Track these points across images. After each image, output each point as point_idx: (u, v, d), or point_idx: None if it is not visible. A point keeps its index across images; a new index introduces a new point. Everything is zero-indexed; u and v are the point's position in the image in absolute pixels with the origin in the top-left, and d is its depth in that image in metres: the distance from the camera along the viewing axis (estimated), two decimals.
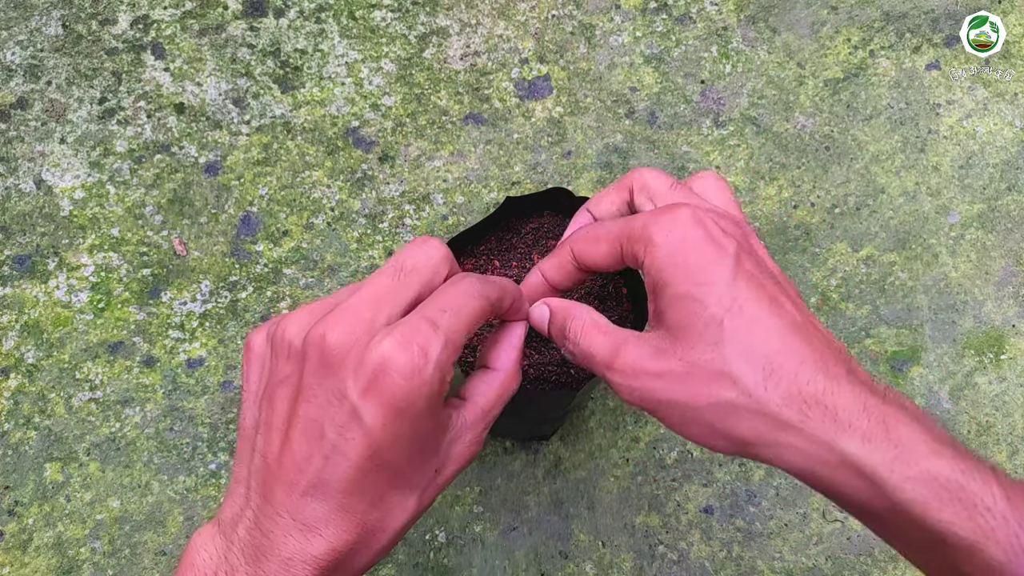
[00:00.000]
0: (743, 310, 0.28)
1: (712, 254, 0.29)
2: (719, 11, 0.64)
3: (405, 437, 0.28)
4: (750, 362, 0.27)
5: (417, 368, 0.27)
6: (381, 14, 0.62)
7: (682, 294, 0.29)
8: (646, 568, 0.51)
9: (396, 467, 0.29)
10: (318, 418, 0.28)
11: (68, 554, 0.49)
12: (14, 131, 0.58)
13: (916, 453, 0.25)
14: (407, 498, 0.30)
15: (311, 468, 0.28)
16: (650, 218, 0.30)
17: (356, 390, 0.27)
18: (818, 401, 0.26)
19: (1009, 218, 0.60)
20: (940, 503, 0.24)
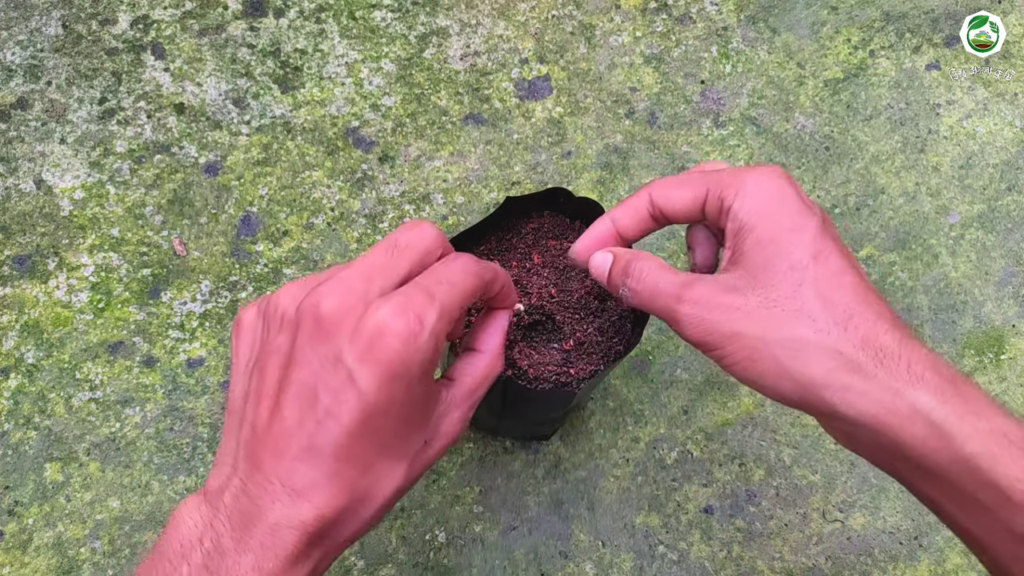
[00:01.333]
0: (828, 260, 0.29)
1: (802, 210, 0.31)
2: (719, 11, 0.64)
3: (398, 403, 0.28)
4: (830, 306, 0.29)
5: (413, 334, 0.28)
6: (381, 14, 0.62)
7: (770, 238, 0.30)
8: (646, 568, 0.51)
9: (387, 434, 0.29)
10: (311, 383, 0.28)
11: (68, 554, 0.49)
12: (14, 131, 0.58)
13: (987, 411, 0.26)
14: (396, 467, 0.30)
15: (303, 433, 0.28)
16: (742, 170, 0.32)
17: (352, 354, 0.27)
18: (893, 352, 0.27)
19: (1009, 218, 0.60)
20: (1010, 458, 0.25)
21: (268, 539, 0.28)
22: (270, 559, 0.28)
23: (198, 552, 0.28)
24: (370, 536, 0.51)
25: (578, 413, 0.54)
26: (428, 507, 0.52)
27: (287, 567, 0.28)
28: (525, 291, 0.42)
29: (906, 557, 0.52)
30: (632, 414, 0.55)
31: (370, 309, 0.28)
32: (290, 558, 0.28)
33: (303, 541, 0.28)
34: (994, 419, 0.25)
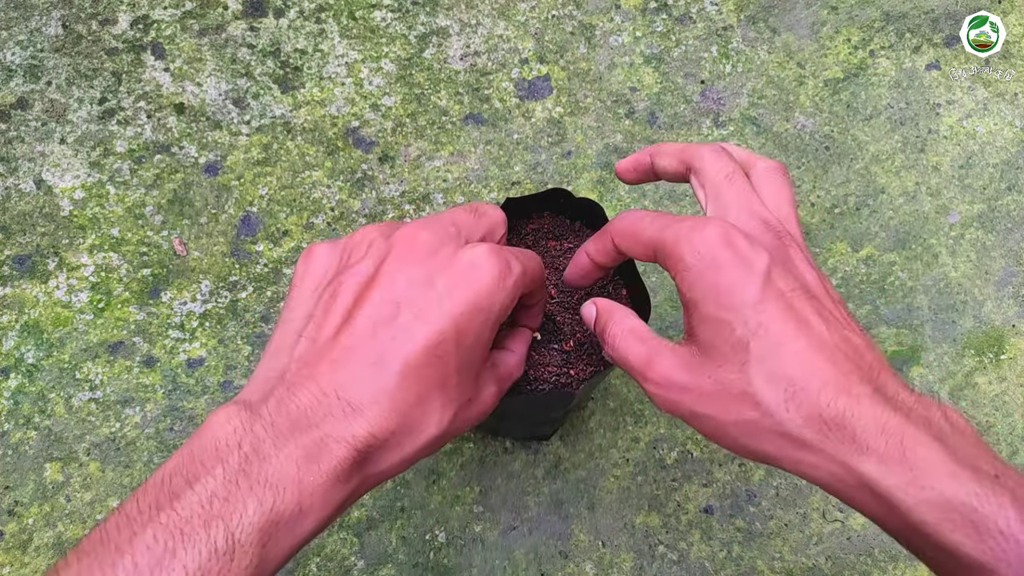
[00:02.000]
0: (768, 332, 0.28)
1: (740, 276, 0.29)
2: (719, 11, 0.64)
3: (472, 337, 0.29)
4: (773, 384, 0.28)
5: (503, 275, 0.30)
6: (381, 14, 0.62)
7: (711, 315, 0.29)
8: (646, 568, 0.51)
9: (450, 368, 0.29)
10: (394, 300, 0.29)
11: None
12: (14, 131, 0.58)
13: (931, 475, 0.25)
14: (446, 408, 0.30)
15: (372, 346, 0.28)
16: (682, 235, 0.31)
17: (444, 279, 0.29)
18: (838, 423, 0.26)
19: (1009, 218, 0.60)
20: (952, 525, 0.24)
21: (314, 450, 0.27)
22: (313, 472, 0.27)
23: (235, 455, 0.26)
24: (370, 536, 0.51)
25: (578, 413, 0.54)
26: (428, 507, 0.52)
27: (328, 484, 0.27)
28: None
29: (906, 557, 0.52)
30: (632, 414, 0.55)
31: (466, 247, 0.30)
32: (332, 474, 0.27)
33: (349, 459, 0.27)
34: (937, 485, 0.25)
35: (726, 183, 0.33)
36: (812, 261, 0.32)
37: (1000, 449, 0.54)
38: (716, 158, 0.34)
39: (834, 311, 0.30)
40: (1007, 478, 0.25)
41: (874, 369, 0.28)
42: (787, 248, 0.31)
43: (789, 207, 0.34)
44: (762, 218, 0.32)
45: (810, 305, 0.29)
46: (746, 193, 0.33)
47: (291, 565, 0.50)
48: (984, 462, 0.25)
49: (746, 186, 0.33)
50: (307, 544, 0.28)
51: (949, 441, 0.26)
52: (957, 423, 0.27)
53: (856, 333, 0.29)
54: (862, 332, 0.30)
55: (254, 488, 0.25)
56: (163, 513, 0.25)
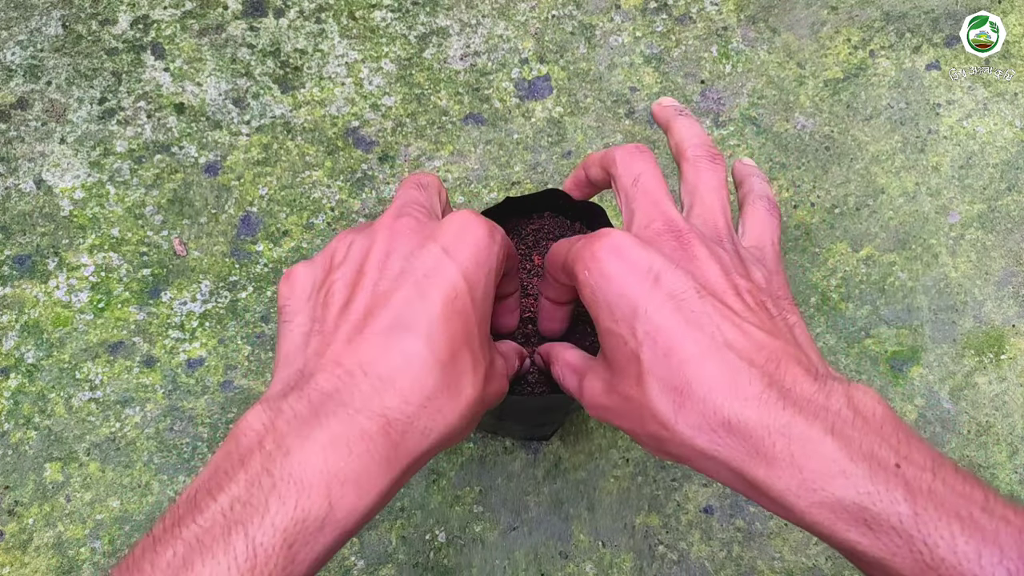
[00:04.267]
0: (656, 342, 0.27)
1: (627, 286, 0.28)
2: (719, 11, 0.64)
3: (482, 288, 0.29)
4: (664, 395, 0.27)
5: (492, 229, 0.30)
6: (381, 14, 0.62)
7: (607, 329, 0.29)
8: (646, 568, 0.51)
9: (472, 321, 0.28)
10: (394, 273, 0.28)
11: (68, 554, 0.49)
12: (14, 131, 0.58)
13: (821, 477, 0.24)
14: (477, 366, 0.28)
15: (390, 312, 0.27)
16: (576, 253, 0.31)
17: (442, 242, 0.29)
18: (726, 428, 0.26)
19: (1009, 218, 0.60)
20: (846, 525, 0.24)
21: (342, 434, 0.24)
22: (343, 458, 0.24)
23: (258, 456, 0.24)
24: (370, 536, 0.51)
25: (578, 413, 0.54)
26: (428, 507, 0.52)
27: (364, 470, 0.24)
28: (525, 292, 0.42)
29: None
30: None
31: (449, 214, 0.30)
32: (367, 457, 0.24)
33: (384, 435, 0.25)
34: (827, 487, 0.24)
35: (633, 188, 0.32)
36: (731, 251, 0.31)
37: (1000, 449, 0.55)
38: (627, 162, 0.33)
39: (738, 305, 0.28)
40: (908, 463, 0.24)
41: (772, 361, 0.27)
42: (688, 246, 0.30)
43: (711, 195, 0.33)
44: (665, 219, 0.31)
45: (703, 304, 0.28)
46: (652, 194, 0.32)
47: None
48: (884, 449, 0.24)
49: (652, 186, 0.32)
50: (346, 541, 0.25)
51: (845, 432, 0.25)
52: (862, 407, 0.26)
53: (759, 325, 0.28)
54: (773, 320, 0.29)
55: (277, 486, 0.23)
56: (185, 528, 0.23)
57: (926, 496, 0.23)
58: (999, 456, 0.54)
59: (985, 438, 0.55)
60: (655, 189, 0.32)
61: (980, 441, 0.55)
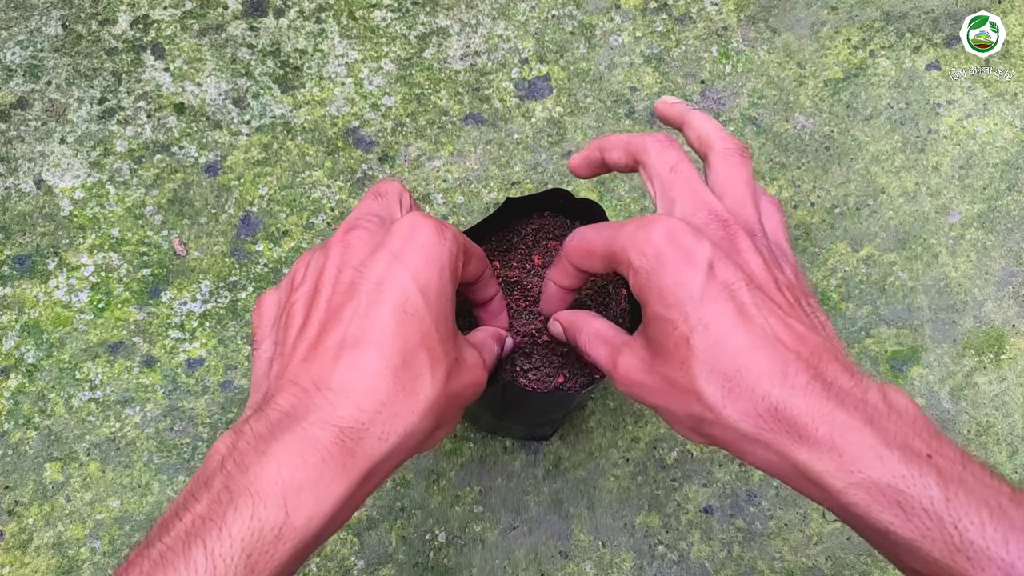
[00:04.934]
0: (708, 329, 0.29)
1: (683, 272, 0.29)
2: (719, 11, 0.64)
3: (436, 288, 0.29)
4: (712, 380, 0.28)
5: (440, 227, 0.30)
6: (381, 14, 0.62)
7: (657, 314, 0.30)
8: (646, 568, 0.51)
9: (428, 322, 0.29)
10: (345, 287, 0.29)
11: (68, 554, 0.49)
12: (14, 131, 0.58)
13: (859, 460, 0.26)
14: (436, 368, 0.29)
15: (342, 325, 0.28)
16: (628, 239, 0.31)
17: (391, 245, 0.29)
18: (772, 414, 0.27)
19: (1009, 218, 0.60)
20: (880, 506, 0.25)
21: (297, 445, 0.25)
22: (297, 467, 0.25)
23: (219, 476, 0.25)
24: (370, 536, 0.51)
25: (578, 413, 0.54)
26: (428, 507, 0.52)
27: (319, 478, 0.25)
28: (526, 292, 0.42)
29: None
30: (632, 414, 0.55)
31: (397, 220, 0.30)
32: (321, 466, 0.25)
33: (338, 442, 0.25)
34: (864, 469, 0.26)
35: (671, 176, 0.33)
36: (766, 246, 0.32)
37: (1000, 449, 0.55)
38: (660, 150, 0.34)
39: (780, 299, 0.30)
40: (940, 456, 0.26)
41: (815, 355, 0.28)
42: (734, 237, 0.31)
43: (744, 188, 0.33)
44: (709, 208, 0.32)
45: (753, 296, 0.29)
46: (692, 184, 0.33)
47: None
48: (918, 441, 0.26)
49: (692, 176, 0.33)
50: (311, 552, 0.25)
51: (881, 423, 0.26)
52: (896, 403, 0.27)
53: (800, 320, 0.30)
54: (809, 316, 0.30)
55: (234, 500, 0.24)
56: (152, 548, 0.24)
57: (957, 483, 0.25)
58: (999, 456, 0.54)
59: (985, 438, 0.55)
60: (695, 179, 0.33)
61: (980, 441, 0.55)
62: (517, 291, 0.42)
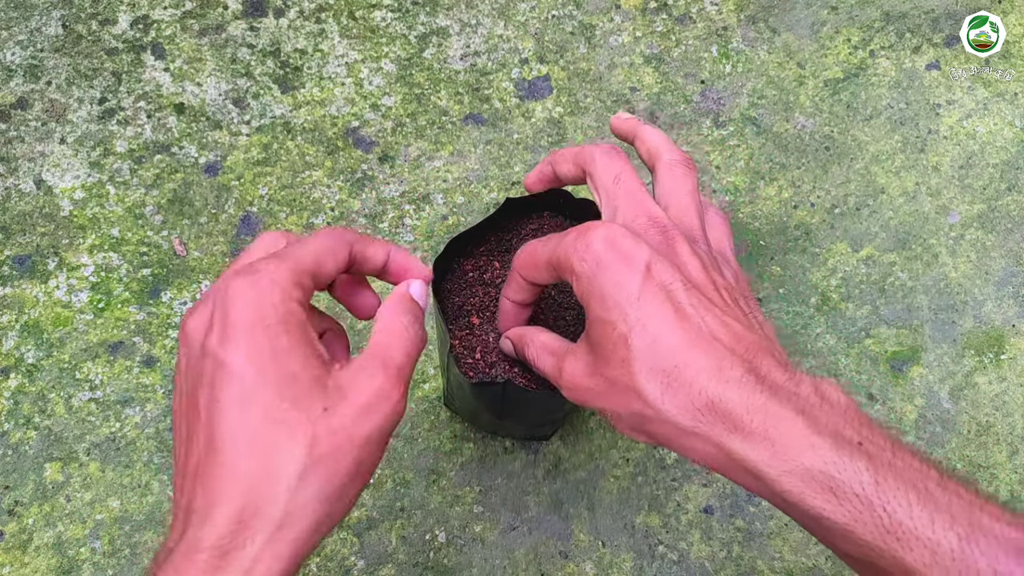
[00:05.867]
0: (646, 328, 0.29)
1: (621, 274, 0.30)
2: (719, 11, 0.64)
3: (266, 357, 0.27)
4: (652, 378, 0.29)
5: (252, 283, 0.28)
6: (381, 14, 0.62)
7: (598, 317, 0.31)
8: (646, 568, 0.51)
9: (266, 398, 0.27)
10: (188, 388, 0.28)
11: (68, 554, 0.49)
12: (14, 131, 0.58)
13: (791, 449, 0.27)
14: (293, 435, 0.27)
15: (193, 440, 0.27)
16: (570, 246, 0.32)
17: (212, 337, 0.28)
18: (709, 408, 0.28)
19: (1009, 218, 0.60)
20: (813, 493, 0.26)
21: None
22: None
23: None
24: (370, 536, 0.51)
25: (578, 413, 0.54)
26: (428, 507, 0.52)
27: None
28: None
29: None
30: None
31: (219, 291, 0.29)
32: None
33: (213, 560, 0.25)
34: (797, 457, 0.27)
35: (614, 185, 0.34)
36: (706, 252, 0.33)
37: (1000, 449, 0.55)
38: (606, 161, 0.35)
39: (717, 299, 0.31)
40: (870, 443, 0.27)
41: (750, 351, 0.29)
42: (672, 242, 0.32)
43: (688, 199, 0.35)
44: (649, 214, 0.33)
45: (689, 296, 0.30)
46: (634, 192, 0.34)
47: None
48: (848, 429, 0.27)
49: (634, 185, 0.34)
50: None
51: (813, 413, 0.27)
52: (828, 395, 0.28)
53: (737, 319, 0.30)
54: (747, 316, 0.31)
55: None
56: None
57: (887, 468, 0.26)
58: (999, 456, 0.54)
59: (985, 438, 0.55)
60: (637, 187, 0.34)
61: (980, 441, 0.55)
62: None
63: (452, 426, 0.53)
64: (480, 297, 0.42)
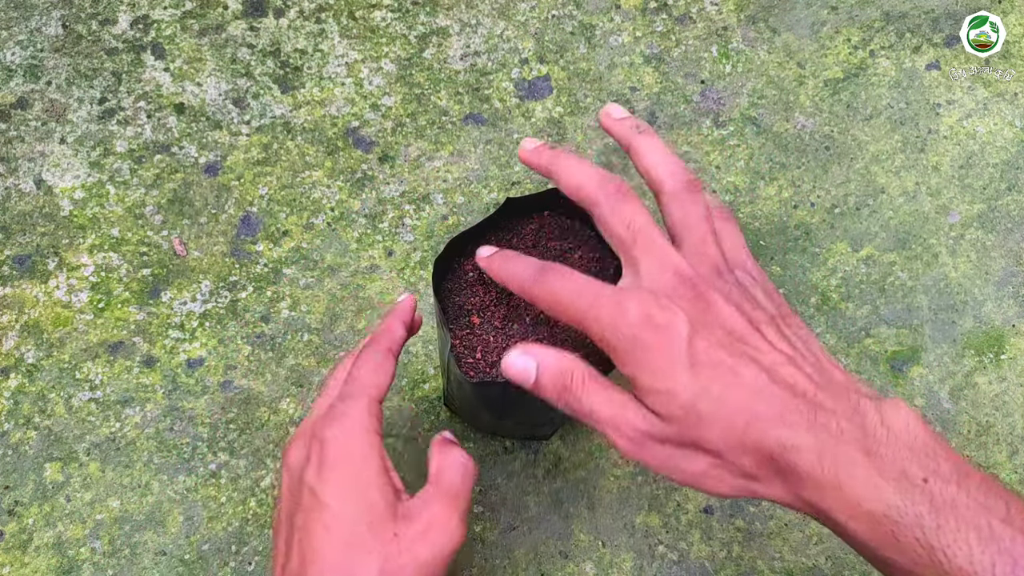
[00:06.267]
0: (709, 392, 0.30)
1: (666, 348, 0.31)
2: (719, 11, 0.64)
3: (349, 490, 0.33)
4: (725, 436, 0.30)
5: (342, 428, 0.34)
6: (381, 14, 0.62)
7: (652, 387, 0.31)
8: (646, 568, 0.51)
9: (348, 525, 0.33)
10: (289, 511, 0.35)
11: (68, 554, 0.49)
12: (14, 131, 0.58)
13: (858, 494, 0.28)
14: (368, 562, 0.32)
15: (290, 558, 0.33)
16: (603, 322, 0.32)
17: (309, 472, 0.34)
18: (780, 455, 0.29)
19: (1009, 218, 0.60)
20: (878, 537, 0.27)
21: None
22: None
23: None
24: None
25: None
26: None
27: None
28: None
29: None
30: None
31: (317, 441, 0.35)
32: None
33: None
34: (863, 503, 0.27)
35: (627, 233, 0.34)
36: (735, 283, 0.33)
37: (1000, 449, 0.55)
38: (614, 205, 0.34)
39: (761, 343, 0.31)
40: (935, 477, 0.27)
41: (809, 390, 0.30)
42: (704, 296, 0.32)
43: (703, 225, 0.34)
44: (675, 270, 0.33)
45: (735, 352, 0.31)
46: (652, 242, 0.33)
47: None
48: (914, 465, 0.27)
49: (651, 234, 0.33)
50: None
51: (879, 451, 0.28)
52: (894, 423, 0.28)
53: (786, 355, 0.31)
54: (792, 345, 0.32)
55: None
56: None
57: (949, 508, 0.26)
58: (999, 456, 0.54)
59: (985, 438, 0.55)
60: (655, 236, 0.34)
61: (980, 441, 0.55)
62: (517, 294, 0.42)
63: (452, 426, 0.53)
64: (480, 297, 0.42)
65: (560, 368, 0.33)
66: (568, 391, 0.33)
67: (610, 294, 0.32)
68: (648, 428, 0.32)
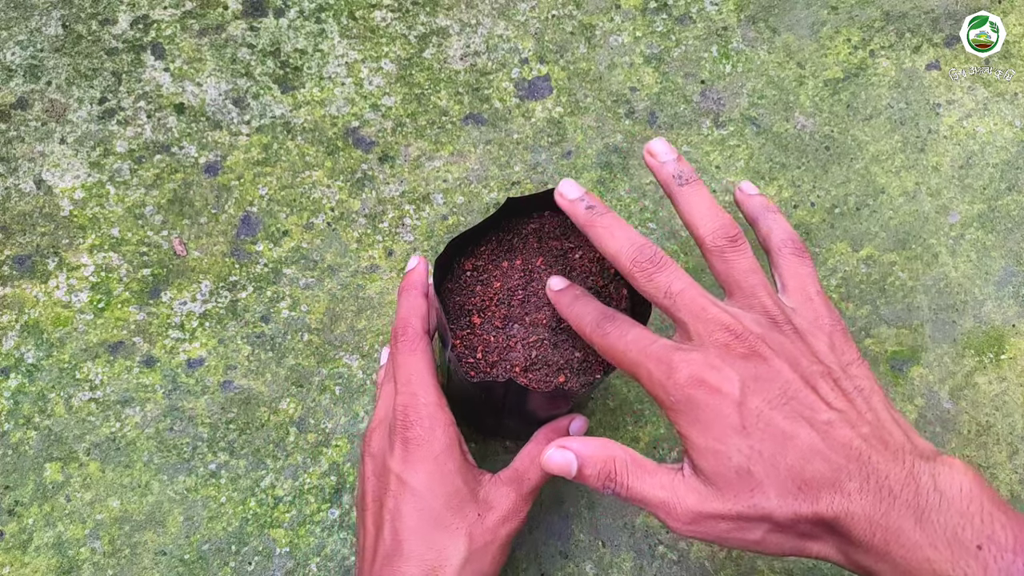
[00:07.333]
0: (763, 454, 0.30)
1: (716, 409, 0.31)
2: (719, 11, 0.64)
3: (435, 477, 0.37)
4: (781, 499, 0.30)
5: (420, 423, 0.38)
6: (381, 14, 0.62)
7: (705, 447, 0.31)
8: (646, 568, 0.51)
9: (437, 509, 0.37)
10: (378, 495, 0.38)
11: (68, 554, 0.49)
12: (14, 131, 0.58)
13: (910, 562, 0.28)
14: (456, 537, 0.37)
15: (382, 538, 0.37)
16: (654, 378, 0.33)
17: (393, 460, 0.38)
18: (834, 518, 0.29)
19: (1009, 218, 0.60)
20: None
21: None
22: None
23: None
24: None
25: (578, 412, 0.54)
26: None
27: None
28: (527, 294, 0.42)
29: None
30: (632, 414, 0.55)
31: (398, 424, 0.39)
32: None
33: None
34: (913, 570, 0.28)
35: (668, 301, 0.34)
36: (792, 331, 0.33)
37: (1000, 449, 0.55)
38: (650, 276, 0.34)
39: (815, 402, 0.31)
40: (989, 544, 0.27)
41: (863, 455, 0.30)
42: (755, 351, 0.32)
43: (751, 279, 0.34)
44: (723, 325, 0.32)
45: (788, 412, 0.31)
46: (695, 302, 0.33)
47: (291, 565, 0.50)
48: (968, 530, 0.27)
49: (693, 294, 0.33)
50: None
51: (931, 518, 0.28)
52: (947, 487, 0.28)
53: (842, 413, 0.31)
54: (851, 400, 0.31)
55: None
56: None
57: (997, 562, 0.26)
58: (999, 456, 0.54)
59: (985, 438, 0.55)
60: (696, 296, 0.34)
61: (980, 441, 0.55)
62: (518, 294, 0.42)
63: None
64: (481, 297, 0.42)
65: (602, 458, 0.34)
66: (613, 480, 0.34)
67: (659, 351, 0.33)
68: (702, 509, 0.32)
